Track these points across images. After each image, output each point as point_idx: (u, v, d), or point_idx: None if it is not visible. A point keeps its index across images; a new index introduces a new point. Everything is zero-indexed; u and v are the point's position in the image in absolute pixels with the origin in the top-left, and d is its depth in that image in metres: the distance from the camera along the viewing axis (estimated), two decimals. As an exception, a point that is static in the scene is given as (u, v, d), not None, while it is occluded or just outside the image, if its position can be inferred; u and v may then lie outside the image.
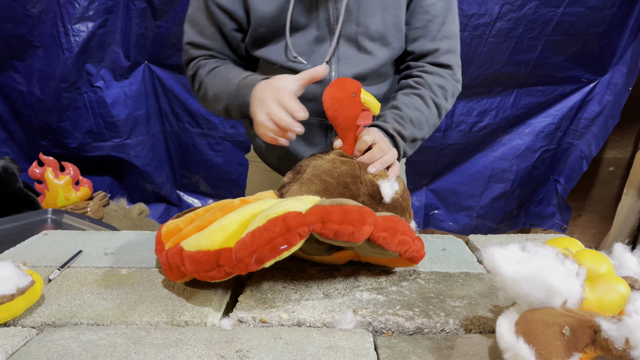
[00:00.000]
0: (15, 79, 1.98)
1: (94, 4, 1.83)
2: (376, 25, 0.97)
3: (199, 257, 0.64)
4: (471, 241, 0.95)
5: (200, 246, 0.64)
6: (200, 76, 1.02)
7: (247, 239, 0.60)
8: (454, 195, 2.26)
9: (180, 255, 0.67)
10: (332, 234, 0.61)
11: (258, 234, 0.60)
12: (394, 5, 0.97)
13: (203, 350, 0.56)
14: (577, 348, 0.48)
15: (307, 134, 1.01)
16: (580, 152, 2.11)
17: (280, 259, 0.61)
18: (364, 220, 0.62)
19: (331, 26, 0.98)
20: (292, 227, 0.60)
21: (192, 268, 0.64)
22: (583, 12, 1.85)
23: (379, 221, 0.65)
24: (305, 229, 0.60)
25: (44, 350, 0.57)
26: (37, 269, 0.79)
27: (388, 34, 0.99)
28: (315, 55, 0.99)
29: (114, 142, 2.10)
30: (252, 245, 0.59)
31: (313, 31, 0.98)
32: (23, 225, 1.60)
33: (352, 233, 0.61)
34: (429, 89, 1.00)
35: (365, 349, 0.57)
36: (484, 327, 0.64)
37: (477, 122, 2.11)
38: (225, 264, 0.62)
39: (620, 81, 1.96)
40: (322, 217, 0.61)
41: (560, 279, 0.52)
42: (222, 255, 0.62)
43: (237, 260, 0.60)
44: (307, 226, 0.60)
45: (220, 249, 0.63)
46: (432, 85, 1.01)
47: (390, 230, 0.65)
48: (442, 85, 1.02)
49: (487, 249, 0.57)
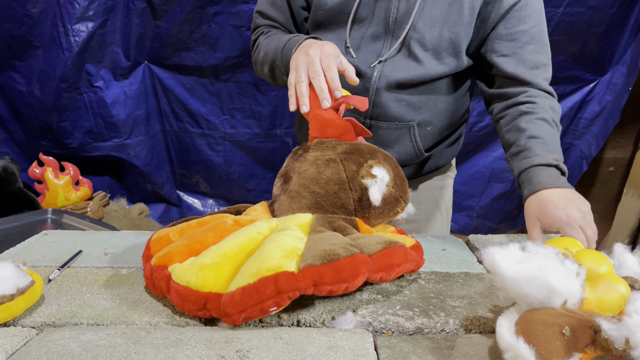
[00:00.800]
0: (15, 79, 1.98)
1: (94, 4, 1.83)
2: (432, 35, 0.96)
3: (186, 294, 0.63)
4: (471, 241, 0.95)
5: (190, 283, 0.63)
6: (259, 41, 1.08)
7: (237, 296, 0.59)
8: (454, 195, 2.26)
9: (167, 283, 0.66)
10: (326, 293, 0.61)
11: (248, 294, 0.59)
12: (455, 22, 0.95)
13: (203, 350, 0.56)
14: (577, 348, 0.48)
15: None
16: (580, 152, 2.11)
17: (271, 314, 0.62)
18: (357, 273, 0.62)
19: (389, 26, 0.97)
20: (283, 290, 0.59)
21: (178, 302, 0.64)
22: (583, 12, 1.85)
23: (373, 264, 0.65)
24: (297, 293, 0.60)
25: (44, 350, 0.57)
26: (37, 269, 0.79)
27: (441, 48, 0.97)
28: (366, 50, 1.00)
29: (114, 142, 2.10)
30: (241, 304, 0.59)
31: (371, 27, 0.98)
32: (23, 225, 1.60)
33: (347, 288, 0.62)
34: (546, 112, 0.94)
35: (365, 349, 0.57)
36: (484, 327, 0.64)
37: (477, 122, 2.11)
38: (212, 309, 0.62)
39: (620, 81, 1.96)
40: (314, 281, 0.60)
41: (560, 279, 0.52)
42: (210, 300, 0.62)
43: (225, 313, 0.60)
44: (298, 290, 0.60)
45: (209, 293, 0.62)
46: (547, 109, 0.95)
47: (387, 269, 0.66)
48: (553, 107, 0.97)
49: (487, 249, 0.57)
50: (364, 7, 0.97)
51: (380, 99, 1.01)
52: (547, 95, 0.98)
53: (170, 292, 0.65)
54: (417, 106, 1.03)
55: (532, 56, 0.97)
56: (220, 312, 0.61)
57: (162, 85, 2.10)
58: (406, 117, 1.03)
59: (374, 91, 1.00)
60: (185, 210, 2.33)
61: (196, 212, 2.32)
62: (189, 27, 1.94)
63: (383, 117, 1.03)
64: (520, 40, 0.96)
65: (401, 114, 1.03)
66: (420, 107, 1.03)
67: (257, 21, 1.12)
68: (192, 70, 2.06)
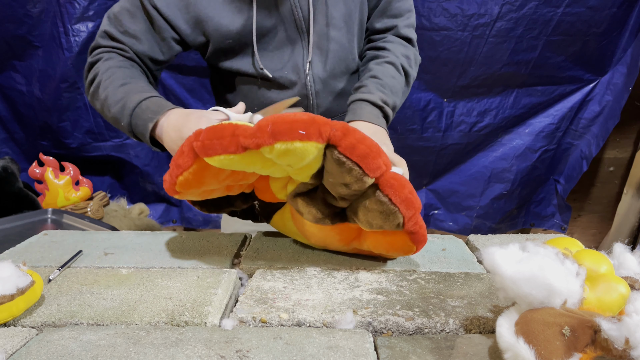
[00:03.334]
0: (15, 79, 1.98)
1: (94, 4, 1.83)
2: (339, 12, 0.98)
3: (216, 127, 0.62)
4: (471, 241, 0.95)
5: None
6: (98, 69, 0.91)
7: (270, 117, 0.60)
8: (454, 195, 2.26)
9: (197, 134, 0.65)
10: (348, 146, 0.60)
11: (282, 116, 0.60)
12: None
13: (203, 350, 0.56)
14: (577, 348, 0.48)
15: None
16: (580, 152, 2.11)
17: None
18: (380, 155, 0.63)
19: (300, 26, 0.96)
20: (317, 121, 0.60)
21: (206, 136, 0.62)
22: (583, 12, 1.85)
23: (390, 167, 0.65)
24: (328, 128, 0.60)
25: (44, 350, 0.57)
26: (37, 269, 0.79)
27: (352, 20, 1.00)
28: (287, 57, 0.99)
29: (114, 142, 2.10)
30: (274, 119, 0.59)
31: (280, 34, 0.97)
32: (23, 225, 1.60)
33: (365, 156, 0.61)
34: (396, 57, 1.01)
35: (365, 349, 0.57)
36: (484, 327, 0.64)
37: (477, 122, 2.10)
38: (241, 134, 0.61)
39: (620, 81, 1.96)
40: (344, 131, 0.61)
41: (560, 279, 0.52)
42: (238, 127, 0.61)
43: (256, 128, 0.60)
44: (329, 126, 0.60)
45: (237, 124, 0.63)
46: (398, 55, 1.01)
47: (400, 181, 0.65)
48: (407, 54, 1.03)
49: (487, 249, 0.57)
50: (265, 19, 0.94)
51: (320, 100, 1.03)
52: (403, 42, 1.04)
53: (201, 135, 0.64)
54: (349, 89, 1.04)
55: (396, 4, 1.03)
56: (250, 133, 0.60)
57: (162, 85, 2.10)
58: (344, 104, 1.04)
59: (314, 95, 1.02)
60: (186, 210, 2.33)
61: (196, 212, 2.32)
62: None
63: (327, 113, 1.05)
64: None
65: (341, 104, 1.06)
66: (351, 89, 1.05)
67: (100, 41, 0.94)
68: (192, 70, 2.06)
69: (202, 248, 0.89)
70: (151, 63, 0.97)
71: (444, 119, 2.08)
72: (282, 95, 1.01)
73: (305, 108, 1.02)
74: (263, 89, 1.02)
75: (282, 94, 1.01)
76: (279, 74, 0.99)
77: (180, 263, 0.82)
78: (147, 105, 0.84)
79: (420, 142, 2.11)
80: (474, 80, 2.00)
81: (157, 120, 0.82)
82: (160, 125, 0.82)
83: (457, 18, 1.85)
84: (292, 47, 0.98)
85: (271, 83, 1.00)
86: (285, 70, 0.99)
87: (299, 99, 0.97)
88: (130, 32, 0.92)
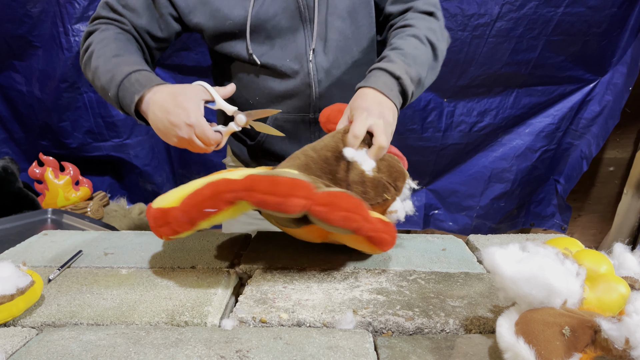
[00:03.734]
0: (15, 79, 1.98)
1: (94, 4, 1.83)
2: (343, 2, 0.96)
3: (155, 213, 0.69)
4: (471, 241, 0.95)
5: (159, 204, 0.70)
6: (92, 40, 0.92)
7: (183, 201, 0.65)
8: (454, 195, 2.26)
9: (148, 212, 0.72)
10: (257, 202, 0.63)
11: (191, 197, 0.65)
12: None
13: (203, 351, 0.56)
14: (577, 348, 0.48)
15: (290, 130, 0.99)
16: (580, 152, 2.11)
17: (214, 222, 0.65)
18: (293, 193, 0.63)
19: (303, 14, 0.95)
20: (220, 191, 0.63)
21: (151, 224, 0.69)
22: (583, 12, 1.84)
23: (317, 196, 0.65)
24: (232, 195, 0.62)
25: (44, 350, 0.57)
26: (37, 269, 0.79)
27: (358, 9, 0.97)
28: (291, 45, 0.97)
29: (114, 142, 2.10)
30: (182, 207, 0.64)
31: (285, 22, 0.95)
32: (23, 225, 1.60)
33: (279, 204, 0.62)
34: (418, 30, 0.95)
35: (365, 349, 0.57)
36: (484, 327, 0.64)
37: (477, 122, 2.10)
38: (172, 221, 0.66)
39: (620, 81, 1.96)
40: (247, 186, 0.63)
41: (560, 279, 0.52)
42: (170, 214, 0.67)
43: (175, 218, 0.65)
44: (233, 192, 0.62)
45: (170, 208, 0.67)
46: (422, 28, 0.95)
47: (331, 206, 0.65)
48: (431, 27, 0.96)
49: (487, 249, 0.57)
50: (268, 5, 0.93)
51: (323, 90, 1.00)
52: (425, 15, 0.98)
53: (149, 219, 0.70)
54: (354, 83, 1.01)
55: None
56: (177, 221, 0.65)
57: (162, 85, 2.10)
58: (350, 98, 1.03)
59: (317, 84, 0.99)
60: (185, 210, 2.34)
61: (196, 212, 2.32)
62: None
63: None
64: None
65: (345, 98, 1.02)
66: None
67: (100, 11, 0.96)
68: (192, 70, 2.06)
69: (202, 248, 0.89)
70: (150, 39, 0.97)
71: (444, 119, 2.08)
72: (284, 84, 0.98)
73: (307, 98, 1.00)
74: (263, 78, 1.00)
75: (284, 83, 0.99)
76: (280, 62, 0.97)
77: (180, 263, 0.82)
78: (136, 77, 0.84)
79: (420, 142, 2.11)
80: (474, 80, 2.00)
81: (144, 94, 0.83)
82: (147, 101, 0.83)
83: (457, 18, 1.85)
84: (295, 36, 0.97)
85: (272, 72, 0.98)
86: (287, 59, 0.98)
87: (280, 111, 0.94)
88: (130, 6, 0.93)
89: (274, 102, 1.01)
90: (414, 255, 0.86)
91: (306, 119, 1.02)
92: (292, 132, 1.00)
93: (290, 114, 1.01)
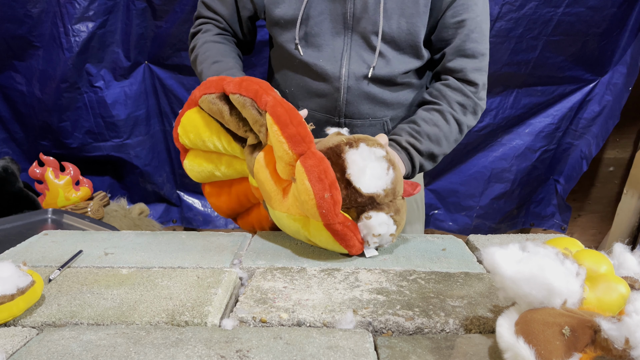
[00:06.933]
0: (15, 79, 1.98)
1: (94, 4, 1.83)
2: (390, 27, 0.97)
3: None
4: (471, 241, 0.95)
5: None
6: (197, 41, 1.08)
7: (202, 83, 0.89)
8: (454, 195, 2.26)
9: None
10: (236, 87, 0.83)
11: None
12: (412, 13, 0.97)
13: (203, 350, 0.56)
14: (577, 348, 0.48)
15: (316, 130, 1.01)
16: (580, 152, 2.11)
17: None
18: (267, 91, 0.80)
19: (347, 21, 0.98)
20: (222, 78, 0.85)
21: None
22: (583, 12, 1.85)
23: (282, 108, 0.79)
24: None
25: (44, 350, 0.57)
26: (37, 269, 0.79)
27: (400, 39, 0.98)
28: (328, 47, 1.00)
29: (114, 142, 2.10)
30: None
31: (328, 24, 0.99)
32: (23, 225, 1.60)
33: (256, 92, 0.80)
34: (448, 105, 1.01)
35: (365, 349, 0.57)
36: (484, 327, 0.64)
37: (477, 122, 2.10)
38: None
39: (620, 81, 1.96)
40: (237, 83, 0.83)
41: (560, 279, 0.52)
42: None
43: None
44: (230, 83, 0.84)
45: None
46: (452, 102, 1.01)
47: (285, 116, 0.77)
48: (462, 102, 1.02)
49: (487, 249, 0.57)
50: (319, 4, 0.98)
51: (352, 97, 1.02)
52: (465, 88, 1.02)
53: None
54: (389, 101, 1.04)
55: (472, 45, 1.00)
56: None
57: (162, 85, 2.10)
58: (378, 113, 1.05)
59: (345, 89, 1.01)
60: (186, 210, 2.33)
61: (196, 212, 2.32)
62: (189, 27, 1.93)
63: (357, 115, 1.04)
64: (467, 28, 0.99)
65: (374, 111, 1.04)
66: (392, 103, 1.05)
67: (200, 10, 1.12)
68: (192, 70, 2.06)
69: (202, 248, 0.89)
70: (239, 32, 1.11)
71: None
72: (315, 82, 1.02)
73: (334, 101, 1.03)
74: (300, 71, 1.04)
75: (315, 82, 1.02)
76: (314, 61, 1.01)
77: (180, 263, 0.82)
78: None
79: (421, 142, 2.11)
80: (474, 80, 2.00)
81: None
82: None
83: (457, 18, 1.85)
84: (334, 39, 1.00)
85: (307, 68, 1.02)
86: (320, 59, 1.00)
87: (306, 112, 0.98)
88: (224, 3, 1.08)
89: (305, 96, 1.05)
90: (414, 255, 0.86)
91: (331, 121, 1.04)
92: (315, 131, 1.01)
93: (318, 112, 1.05)
